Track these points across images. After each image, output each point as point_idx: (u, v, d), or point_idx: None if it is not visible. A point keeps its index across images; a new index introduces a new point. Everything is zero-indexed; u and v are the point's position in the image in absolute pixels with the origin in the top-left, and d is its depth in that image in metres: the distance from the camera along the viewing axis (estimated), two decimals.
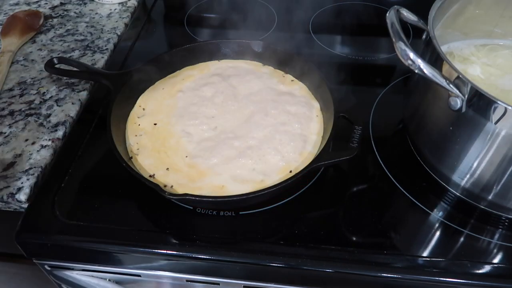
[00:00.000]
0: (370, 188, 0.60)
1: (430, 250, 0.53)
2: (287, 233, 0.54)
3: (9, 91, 0.73)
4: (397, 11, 0.54)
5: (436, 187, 0.59)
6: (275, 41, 0.83)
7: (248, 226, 0.55)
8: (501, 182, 0.51)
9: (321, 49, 0.84)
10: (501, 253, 0.53)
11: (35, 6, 0.93)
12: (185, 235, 0.54)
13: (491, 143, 0.49)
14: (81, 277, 0.60)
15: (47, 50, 0.82)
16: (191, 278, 0.57)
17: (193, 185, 0.57)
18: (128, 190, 0.58)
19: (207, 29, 0.91)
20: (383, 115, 0.69)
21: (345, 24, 0.92)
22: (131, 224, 0.55)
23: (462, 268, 0.51)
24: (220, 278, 0.56)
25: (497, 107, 0.46)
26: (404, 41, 0.49)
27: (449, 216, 0.56)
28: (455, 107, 0.49)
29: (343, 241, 0.53)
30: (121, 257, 0.56)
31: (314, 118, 0.65)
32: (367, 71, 0.79)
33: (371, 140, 0.65)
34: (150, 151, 0.61)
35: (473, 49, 0.65)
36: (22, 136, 0.65)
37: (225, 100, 0.68)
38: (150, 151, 0.61)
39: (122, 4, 0.94)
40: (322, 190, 0.59)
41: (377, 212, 0.57)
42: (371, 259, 0.52)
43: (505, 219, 0.56)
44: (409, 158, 0.62)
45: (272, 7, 0.94)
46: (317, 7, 0.94)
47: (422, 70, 0.48)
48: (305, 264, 0.52)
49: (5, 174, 0.60)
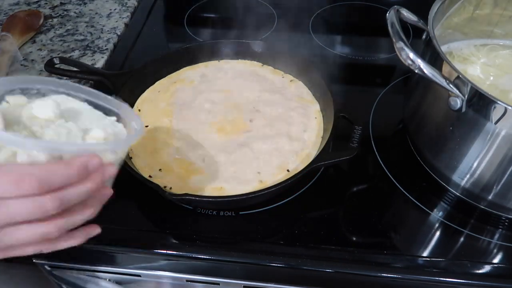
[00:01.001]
0: (370, 188, 0.60)
1: (430, 250, 0.53)
2: (287, 233, 0.54)
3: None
4: (397, 11, 0.54)
5: (436, 187, 0.59)
6: (275, 41, 0.83)
7: (248, 226, 0.55)
8: (501, 182, 0.51)
9: (321, 49, 0.84)
10: (501, 253, 0.53)
11: (35, 6, 0.93)
12: (185, 235, 0.54)
13: (491, 143, 0.49)
14: (81, 277, 0.60)
15: (47, 50, 0.82)
16: (191, 278, 0.57)
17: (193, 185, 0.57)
18: (128, 190, 0.58)
19: (207, 29, 0.91)
20: (383, 115, 0.69)
21: (345, 24, 0.92)
22: (131, 224, 0.55)
23: (462, 268, 0.51)
24: (220, 278, 0.56)
25: (497, 107, 0.46)
26: (404, 41, 0.49)
27: (449, 216, 0.56)
28: (455, 107, 0.49)
29: (343, 241, 0.53)
30: (121, 257, 0.56)
31: (313, 118, 0.65)
32: (367, 71, 0.79)
33: (371, 140, 0.65)
34: (144, 153, 0.60)
35: (473, 49, 0.65)
36: None
37: (223, 101, 0.68)
38: (143, 152, 0.61)
39: (121, 4, 0.94)
40: (322, 190, 0.59)
41: (377, 212, 0.57)
42: (371, 259, 0.52)
43: (505, 219, 0.56)
44: (409, 158, 0.62)
45: (272, 7, 0.94)
46: (317, 7, 0.94)
47: (422, 70, 0.48)
48: (305, 264, 0.52)
49: None
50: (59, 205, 0.35)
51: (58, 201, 0.35)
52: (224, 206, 0.57)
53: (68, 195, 0.36)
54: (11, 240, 0.36)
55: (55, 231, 0.37)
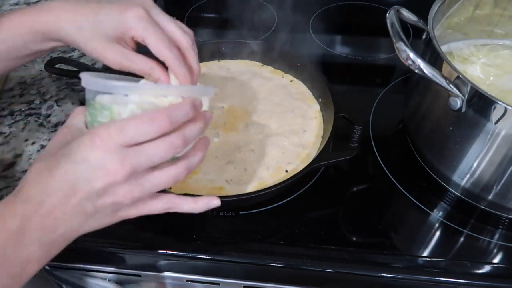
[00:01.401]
0: (370, 188, 0.60)
1: (430, 250, 0.53)
2: (287, 233, 0.54)
3: (9, 91, 0.73)
4: (397, 11, 0.54)
5: (436, 187, 0.59)
6: (275, 41, 0.83)
7: (248, 226, 0.55)
8: (501, 182, 0.51)
9: (321, 49, 0.84)
10: (501, 253, 0.53)
11: None
12: (185, 235, 0.54)
13: (491, 143, 0.49)
14: (81, 277, 0.60)
15: None
16: (191, 278, 0.57)
17: (193, 185, 0.57)
18: None
19: (207, 29, 0.91)
20: (383, 115, 0.69)
21: (345, 24, 0.92)
22: (131, 224, 0.55)
23: (462, 268, 0.51)
24: (220, 278, 0.56)
25: (497, 107, 0.46)
26: (404, 41, 0.49)
27: (449, 216, 0.56)
28: (455, 107, 0.49)
29: (343, 241, 0.53)
30: (121, 257, 0.56)
31: (313, 118, 0.65)
32: (367, 71, 0.79)
33: (371, 140, 0.65)
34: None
35: (473, 49, 0.65)
36: (22, 136, 0.65)
37: (223, 101, 0.68)
38: None
39: None
40: (322, 190, 0.59)
41: (377, 212, 0.57)
42: (371, 259, 0.52)
43: (505, 219, 0.56)
44: (409, 158, 0.62)
45: (272, 7, 0.94)
46: (317, 7, 0.94)
47: (422, 70, 0.48)
48: (305, 264, 0.51)
49: (5, 174, 0.60)
50: (183, 142, 0.39)
51: (182, 138, 0.39)
52: (224, 206, 0.57)
53: (187, 132, 0.40)
54: (150, 185, 0.39)
55: (183, 170, 0.41)
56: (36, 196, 0.37)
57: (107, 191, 0.38)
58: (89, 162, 0.37)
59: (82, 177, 0.37)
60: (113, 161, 0.37)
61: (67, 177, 0.37)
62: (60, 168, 0.37)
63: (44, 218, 0.37)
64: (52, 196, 0.37)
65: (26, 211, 0.37)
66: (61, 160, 0.37)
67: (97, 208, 0.38)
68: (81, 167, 0.37)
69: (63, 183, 0.37)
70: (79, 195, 0.37)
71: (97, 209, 0.38)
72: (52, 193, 0.37)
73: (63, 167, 0.37)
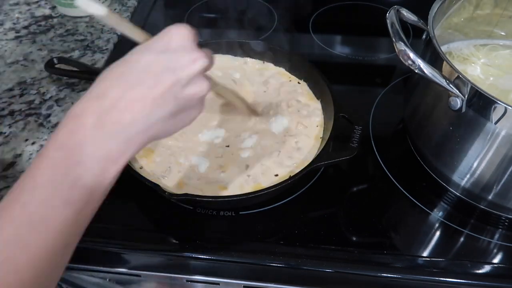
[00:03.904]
0: (370, 188, 0.60)
1: (430, 250, 0.53)
2: (287, 233, 0.54)
3: (9, 91, 0.73)
4: (397, 11, 0.54)
5: (436, 187, 0.59)
6: (275, 41, 0.83)
7: (248, 226, 0.55)
8: (501, 182, 0.51)
9: (321, 49, 0.84)
10: (501, 253, 0.53)
11: (35, 6, 0.93)
12: (185, 235, 0.54)
13: (491, 143, 0.49)
14: (81, 277, 0.60)
15: (47, 50, 0.81)
16: (191, 278, 0.57)
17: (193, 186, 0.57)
18: (128, 190, 0.58)
19: (207, 29, 0.91)
20: (383, 115, 0.69)
21: (345, 24, 0.92)
22: (131, 224, 0.55)
23: (462, 268, 0.51)
24: (220, 278, 0.56)
25: (497, 107, 0.46)
26: (404, 41, 0.49)
27: (449, 216, 0.56)
28: (455, 107, 0.49)
29: (343, 241, 0.53)
30: (121, 257, 0.56)
31: (313, 118, 0.65)
32: (367, 71, 0.79)
33: (371, 140, 0.65)
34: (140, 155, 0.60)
35: (473, 49, 0.65)
36: (22, 136, 0.65)
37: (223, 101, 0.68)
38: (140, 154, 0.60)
39: (121, 4, 0.94)
40: (322, 190, 0.59)
41: (377, 212, 0.57)
42: (371, 259, 0.52)
43: (505, 219, 0.56)
44: (409, 158, 0.62)
45: (272, 7, 0.94)
46: (317, 7, 0.94)
47: (422, 70, 0.48)
48: (305, 264, 0.52)
49: (5, 174, 0.60)
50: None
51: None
52: (224, 206, 0.57)
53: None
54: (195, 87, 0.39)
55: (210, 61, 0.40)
56: (113, 92, 0.35)
57: (191, 80, 0.38)
58: (171, 51, 0.36)
59: (166, 66, 0.36)
60: (194, 49, 0.37)
61: (150, 68, 0.36)
62: (141, 61, 0.36)
63: (122, 113, 0.35)
64: (134, 89, 0.35)
65: (103, 106, 0.35)
66: (140, 55, 0.37)
67: (179, 100, 0.38)
68: (164, 57, 0.36)
69: (145, 74, 0.36)
70: (163, 86, 0.36)
71: (179, 101, 0.38)
72: (133, 86, 0.36)
73: (145, 58, 0.36)
